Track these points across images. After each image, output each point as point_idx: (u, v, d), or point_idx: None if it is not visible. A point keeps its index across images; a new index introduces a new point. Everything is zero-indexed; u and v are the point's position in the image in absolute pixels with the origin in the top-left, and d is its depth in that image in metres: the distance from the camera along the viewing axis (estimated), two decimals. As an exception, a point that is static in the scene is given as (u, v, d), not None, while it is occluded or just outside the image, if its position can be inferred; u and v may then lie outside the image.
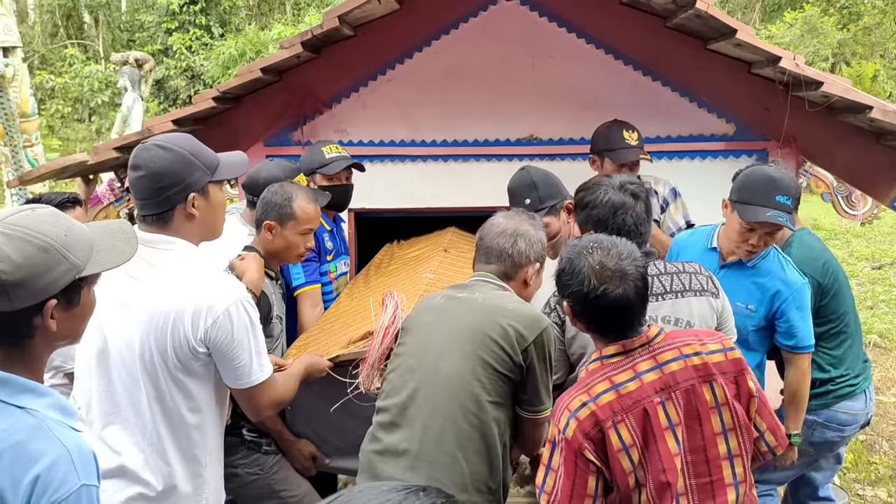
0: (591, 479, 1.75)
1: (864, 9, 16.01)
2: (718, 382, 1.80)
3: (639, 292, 1.80)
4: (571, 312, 1.87)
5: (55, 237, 1.40)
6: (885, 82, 15.10)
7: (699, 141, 3.71)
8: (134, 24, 18.87)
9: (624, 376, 1.79)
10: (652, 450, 1.76)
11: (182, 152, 1.94)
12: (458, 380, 1.98)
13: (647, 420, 1.75)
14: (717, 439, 1.79)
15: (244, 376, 1.97)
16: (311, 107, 3.70)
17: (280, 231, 2.58)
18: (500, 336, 2.00)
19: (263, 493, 2.47)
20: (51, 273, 1.38)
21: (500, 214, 2.28)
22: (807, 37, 15.28)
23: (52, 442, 1.34)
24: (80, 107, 16.67)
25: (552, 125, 3.72)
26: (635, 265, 1.81)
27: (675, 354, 1.81)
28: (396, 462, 1.96)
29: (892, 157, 3.42)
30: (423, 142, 3.76)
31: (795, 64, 3.13)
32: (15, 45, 6.43)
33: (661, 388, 1.77)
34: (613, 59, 3.66)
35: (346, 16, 3.28)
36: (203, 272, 1.97)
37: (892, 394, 5.66)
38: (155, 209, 1.94)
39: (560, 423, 1.79)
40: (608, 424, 1.74)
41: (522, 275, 2.20)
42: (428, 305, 2.19)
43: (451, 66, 3.68)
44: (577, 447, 1.74)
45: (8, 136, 6.31)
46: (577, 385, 1.85)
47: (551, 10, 3.63)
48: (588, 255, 1.82)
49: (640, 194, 2.32)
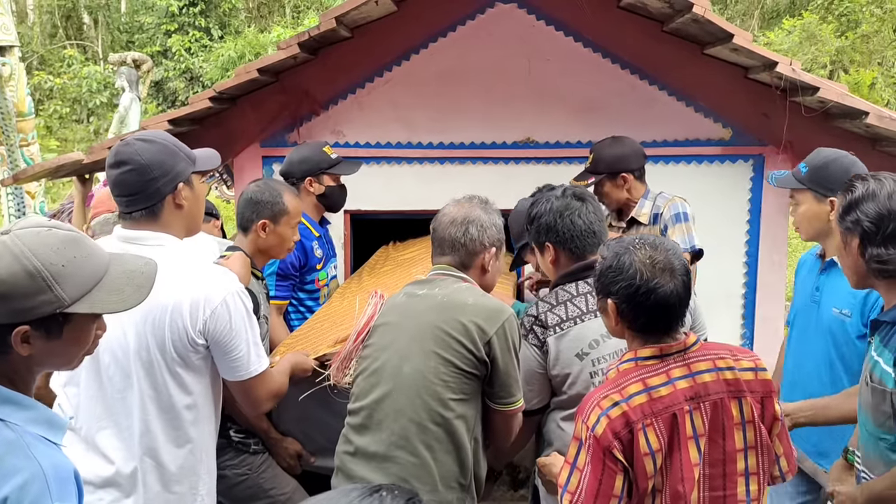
0: (619, 478, 1.72)
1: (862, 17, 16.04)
2: (747, 400, 1.78)
3: (686, 287, 1.79)
4: (617, 311, 1.82)
5: (49, 265, 1.33)
6: (883, 90, 15.13)
7: (695, 145, 3.71)
8: (133, 25, 18.87)
9: (658, 380, 1.77)
10: (674, 457, 1.74)
11: (165, 143, 1.96)
12: (421, 380, 1.98)
13: (675, 427, 1.74)
14: (737, 455, 1.77)
15: (242, 367, 1.98)
16: (307, 108, 3.70)
17: (273, 228, 2.58)
18: (460, 333, 1.99)
19: (252, 492, 2.46)
20: (27, 300, 1.31)
21: (451, 203, 2.26)
22: (805, 44, 15.32)
23: (27, 459, 1.28)
24: (79, 108, 16.66)
25: (548, 128, 3.71)
26: (680, 260, 1.80)
27: (709, 366, 1.79)
28: (368, 464, 1.99)
29: (888, 163, 3.42)
30: (420, 144, 3.76)
31: (792, 69, 3.14)
32: (12, 45, 6.43)
33: (691, 396, 1.75)
34: (610, 63, 3.66)
35: (343, 17, 3.28)
36: (196, 265, 1.99)
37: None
38: (144, 203, 1.93)
39: (589, 420, 1.76)
40: (638, 427, 1.71)
41: (479, 262, 2.18)
42: (391, 304, 2.18)
43: (447, 69, 3.68)
44: (607, 445, 1.71)
45: (4, 135, 6.31)
46: (609, 384, 1.82)
47: (548, 13, 3.63)
48: (635, 250, 1.79)
49: (584, 197, 2.33)
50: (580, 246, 2.29)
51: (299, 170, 3.19)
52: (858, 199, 1.89)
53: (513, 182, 3.61)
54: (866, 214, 1.86)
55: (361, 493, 0.81)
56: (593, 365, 2.19)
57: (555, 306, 2.26)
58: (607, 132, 3.66)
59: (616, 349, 2.19)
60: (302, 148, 3.32)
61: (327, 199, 3.27)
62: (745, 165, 3.71)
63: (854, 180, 1.95)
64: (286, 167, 3.23)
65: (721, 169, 3.71)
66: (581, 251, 2.30)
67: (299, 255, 3.01)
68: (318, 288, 3.18)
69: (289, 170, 3.20)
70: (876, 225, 1.85)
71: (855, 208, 1.89)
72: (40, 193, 6.86)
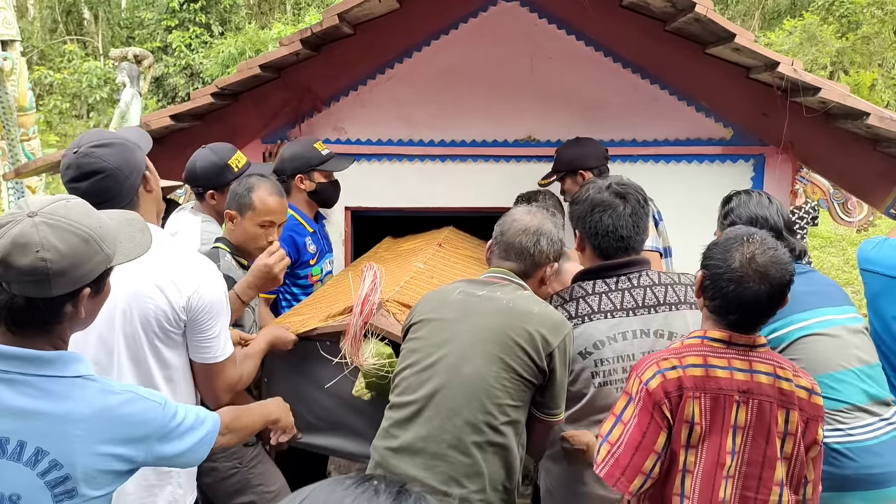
0: (663, 435, 1.79)
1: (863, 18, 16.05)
2: (794, 413, 1.81)
3: (772, 297, 1.81)
4: (701, 284, 1.89)
5: (93, 228, 1.47)
6: (883, 91, 15.14)
7: (696, 145, 3.71)
8: (134, 21, 18.84)
9: (718, 362, 1.82)
10: (713, 441, 1.79)
11: (120, 142, 1.99)
12: (482, 382, 1.96)
13: (721, 412, 1.79)
14: (776, 463, 1.80)
15: (211, 350, 2.03)
16: (309, 104, 3.70)
17: (240, 221, 2.57)
18: (526, 341, 1.98)
19: (240, 487, 2.46)
20: (90, 263, 1.45)
21: (523, 210, 2.23)
22: (806, 45, 15.33)
23: (119, 394, 1.52)
24: (79, 103, 16.64)
25: (550, 126, 3.72)
26: (783, 271, 1.80)
27: (769, 370, 1.83)
28: (412, 460, 1.95)
29: (888, 164, 3.44)
30: (421, 141, 3.76)
31: (793, 69, 3.14)
32: (14, 39, 6.42)
33: (744, 389, 1.80)
34: (612, 62, 3.66)
35: (346, 14, 3.28)
36: (179, 248, 2.07)
37: (885, 401, 5.66)
38: (124, 201, 1.96)
39: (644, 375, 1.83)
40: (689, 394, 1.78)
41: (540, 273, 2.17)
42: (444, 300, 2.12)
43: (450, 67, 3.68)
44: (658, 400, 1.79)
45: (5, 130, 6.31)
46: (671, 350, 1.89)
47: (551, 11, 3.63)
48: (749, 243, 1.83)
49: (626, 195, 2.27)
50: (603, 246, 2.26)
51: (290, 167, 3.19)
52: None
53: (514, 180, 3.61)
54: None
55: (355, 483, 0.81)
56: (595, 366, 2.18)
57: (567, 301, 2.25)
58: (609, 131, 3.68)
59: (619, 354, 2.18)
60: (294, 145, 3.33)
61: (319, 195, 3.27)
62: (746, 165, 3.71)
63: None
64: (278, 164, 3.24)
65: (722, 168, 3.71)
66: (604, 252, 2.27)
67: (290, 251, 3.03)
68: (312, 283, 3.20)
69: (280, 167, 3.21)
70: None
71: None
72: (41, 188, 6.86)
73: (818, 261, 10.02)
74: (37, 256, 1.38)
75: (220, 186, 2.89)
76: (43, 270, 1.38)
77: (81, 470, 1.44)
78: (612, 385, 2.18)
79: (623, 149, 3.71)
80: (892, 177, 3.44)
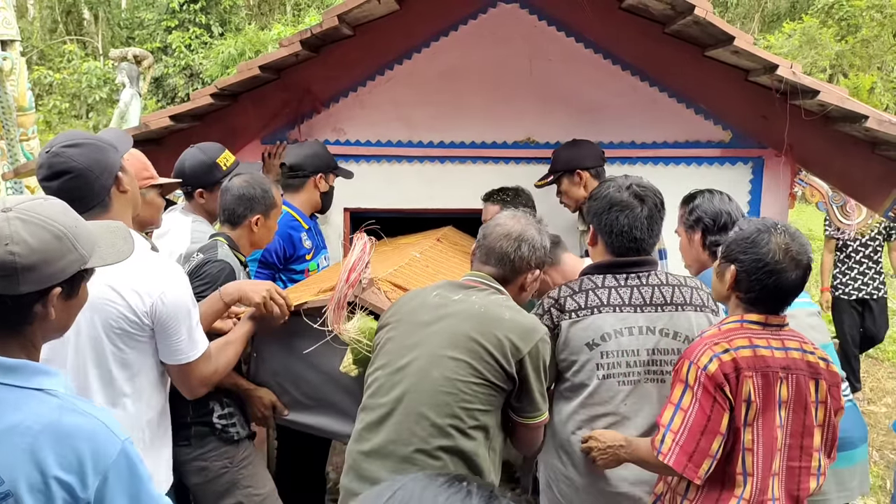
0: (726, 416, 1.88)
1: (862, 21, 16.07)
2: (822, 382, 1.95)
3: (803, 281, 1.95)
4: (735, 277, 1.98)
5: (67, 226, 1.45)
6: (882, 94, 15.15)
7: (695, 147, 3.72)
8: (133, 21, 18.86)
9: (761, 342, 1.94)
10: (768, 417, 1.90)
11: (91, 142, 2.00)
12: (449, 386, 1.96)
13: (769, 388, 1.90)
14: (815, 430, 1.94)
15: (181, 352, 2.06)
16: (308, 105, 3.70)
17: (265, 222, 2.67)
18: (495, 347, 1.98)
19: (228, 487, 2.45)
20: (61, 261, 1.42)
21: (507, 214, 2.23)
22: (805, 48, 15.34)
23: (81, 415, 1.40)
24: (78, 103, 16.64)
25: (549, 128, 3.72)
26: (808, 256, 1.95)
27: (798, 345, 1.97)
28: (383, 463, 1.95)
29: (887, 167, 3.44)
30: (421, 143, 3.76)
31: (792, 72, 3.15)
32: (13, 39, 6.41)
33: (784, 366, 1.92)
34: (611, 64, 3.66)
35: (346, 15, 3.28)
36: (146, 253, 2.08)
37: (883, 404, 5.68)
38: (95, 201, 1.99)
39: (700, 360, 1.91)
40: (745, 374, 1.88)
41: (520, 280, 2.18)
42: (422, 301, 2.14)
43: (449, 68, 3.68)
44: (719, 382, 1.87)
45: (4, 130, 6.30)
46: (716, 335, 1.97)
47: (550, 13, 3.63)
48: (776, 233, 1.94)
49: (644, 197, 2.29)
50: (616, 244, 2.29)
51: (311, 164, 3.25)
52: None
53: (513, 182, 3.60)
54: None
55: (447, 482, 0.82)
56: (601, 357, 2.20)
57: (576, 293, 2.27)
58: (608, 133, 3.69)
59: (624, 348, 2.21)
60: (311, 144, 3.39)
61: (327, 196, 3.36)
62: (745, 168, 3.72)
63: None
64: (297, 160, 3.27)
65: (721, 171, 3.72)
66: (616, 250, 2.30)
67: (285, 246, 3.05)
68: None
69: (299, 163, 3.25)
70: None
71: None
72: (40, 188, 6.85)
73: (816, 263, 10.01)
74: (5, 249, 1.35)
75: (209, 185, 2.94)
76: (11, 264, 1.35)
77: (26, 489, 1.32)
78: (614, 378, 2.21)
79: (622, 151, 3.71)
80: (890, 180, 3.44)
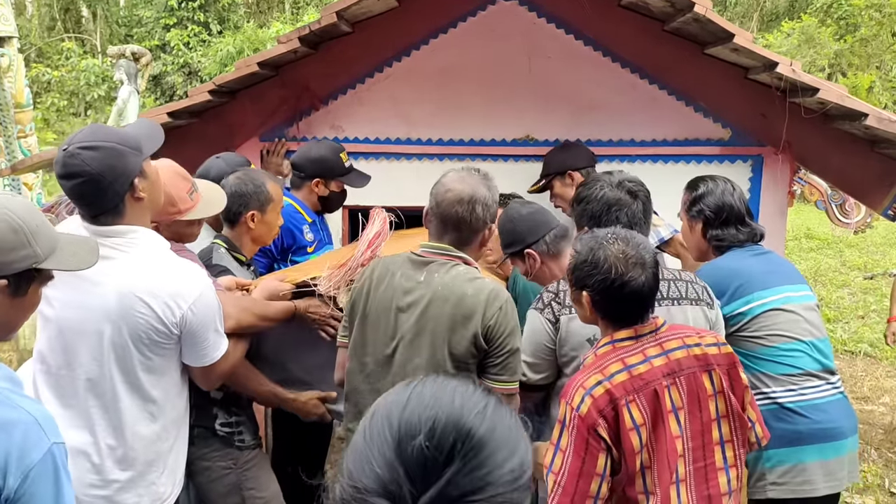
0: (602, 457, 1.79)
1: (861, 20, 16.08)
2: (716, 372, 1.90)
3: (655, 279, 1.90)
4: (591, 302, 1.91)
5: (27, 222, 1.46)
6: (881, 93, 15.17)
7: (694, 145, 3.71)
8: (132, 19, 18.83)
9: (636, 359, 1.86)
10: (659, 432, 1.82)
11: (109, 145, 1.93)
12: (431, 372, 1.98)
13: (657, 402, 1.82)
14: (712, 425, 1.89)
15: (207, 356, 2.08)
16: (307, 102, 3.69)
17: (262, 217, 2.64)
18: (462, 325, 2.02)
19: (231, 489, 2.44)
20: (12, 253, 1.43)
21: (454, 177, 2.18)
22: (804, 47, 15.35)
23: (14, 409, 1.37)
24: (76, 101, 16.62)
25: (548, 126, 3.71)
26: (650, 254, 1.91)
27: (679, 343, 1.90)
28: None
29: (886, 165, 3.44)
30: (419, 140, 3.75)
31: (792, 70, 3.14)
32: (11, 36, 6.40)
33: (667, 372, 1.85)
34: (611, 62, 3.66)
35: (344, 12, 3.27)
36: (171, 258, 2.05)
37: (881, 402, 5.68)
38: (106, 206, 1.95)
39: (574, 401, 1.83)
40: (622, 403, 1.80)
41: (479, 238, 2.19)
42: (389, 285, 2.13)
43: (448, 65, 3.67)
44: (591, 424, 1.79)
45: (2, 127, 6.29)
46: (591, 366, 1.90)
47: (550, 11, 3.62)
48: (609, 244, 1.88)
49: (637, 193, 2.31)
50: None
51: (312, 168, 3.21)
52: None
53: (512, 180, 3.60)
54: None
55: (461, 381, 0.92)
56: None
57: None
58: (607, 131, 3.68)
59: None
60: (321, 146, 3.31)
61: (327, 201, 3.31)
62: (745, 166, 3.71)
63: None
64: (300, 160, 3.25)
65: (720, 169, 3.70)
66: None
67: (283, 237, 3.04)
68: None
69: (301, 164, 3.23)
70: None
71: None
72: (38, 185, 6.84)
73: (814, 262, 10.04)
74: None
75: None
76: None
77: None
78: None
79: (621, 149, 3.70)
80: (889, 178, 3.44)
